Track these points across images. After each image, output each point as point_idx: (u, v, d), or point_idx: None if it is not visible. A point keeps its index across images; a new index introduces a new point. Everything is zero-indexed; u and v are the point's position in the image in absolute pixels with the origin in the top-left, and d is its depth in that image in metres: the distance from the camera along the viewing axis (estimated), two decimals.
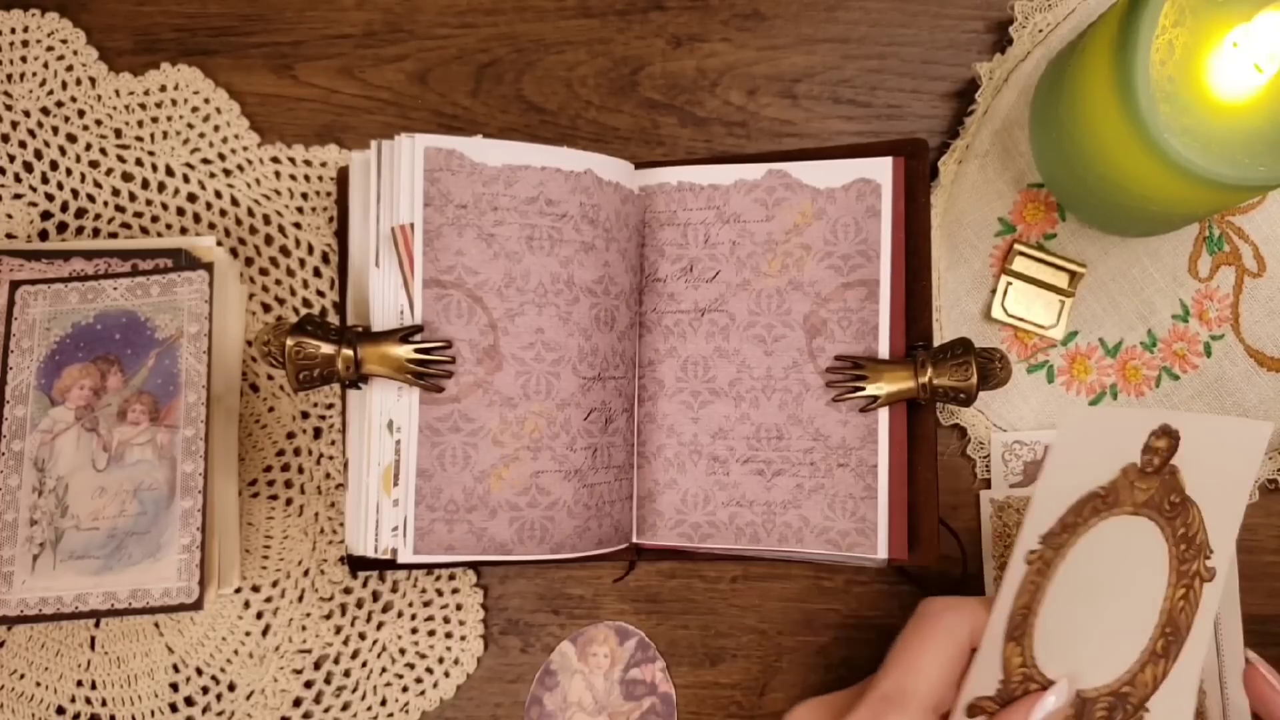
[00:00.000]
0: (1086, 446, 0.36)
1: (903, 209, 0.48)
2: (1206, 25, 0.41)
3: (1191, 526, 0.38)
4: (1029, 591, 0.37)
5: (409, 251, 0.45)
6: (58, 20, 0.54)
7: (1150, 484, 0.37)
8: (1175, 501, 0.38)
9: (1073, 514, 0.37)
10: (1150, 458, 0.37)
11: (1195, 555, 0.38)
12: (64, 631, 0.52)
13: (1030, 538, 0.37)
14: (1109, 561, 0.38)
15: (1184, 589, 0.38)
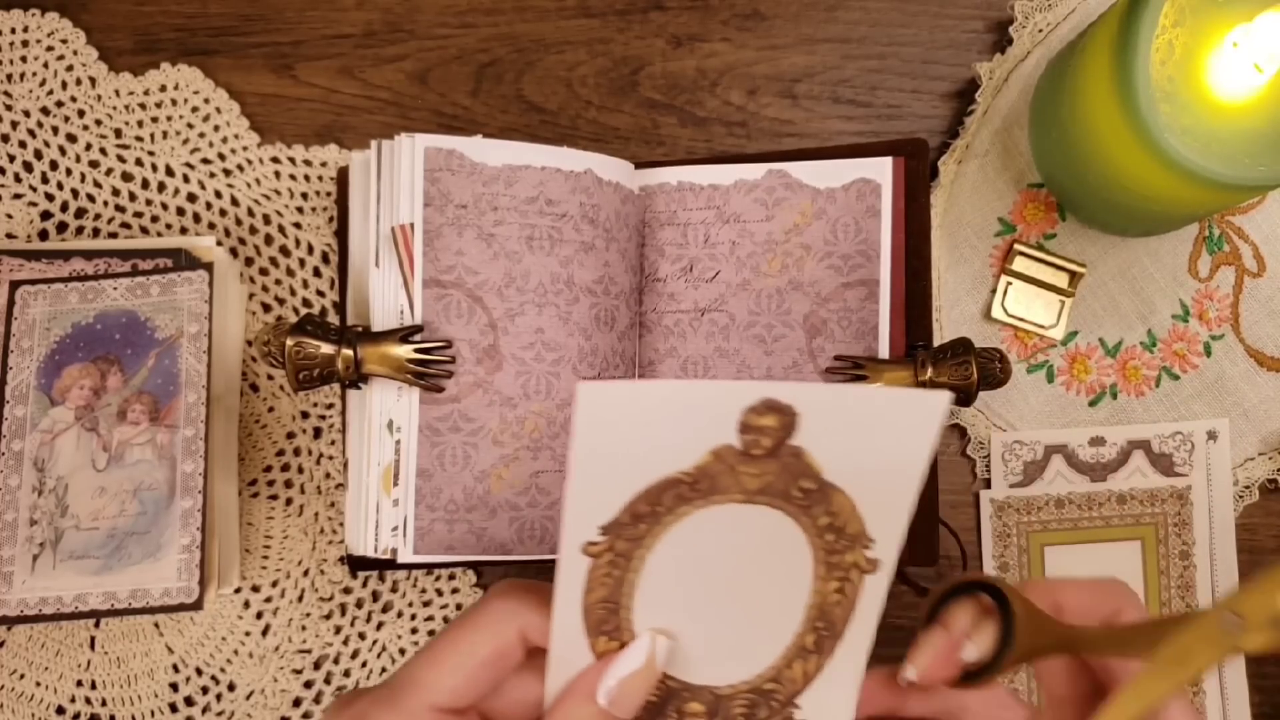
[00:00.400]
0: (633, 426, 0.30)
1: (903, 209, 0.48)
2: (1206, 25, 0.41)
3: (838, 516, 0.32)
4: (605, 584, 0.32)
5: (409, 251, 0.45)
6: (58, 20, 0.54)
7: (763, 469, 0.31)
8: (808, 488, 0.31)
9: (646, 503, 0.31)
10: (755, 438, 0.30)
11: (849, 546, 0.32)
12: (64, 631, 0.52)
13: (581, 528, 0.31)
14: (726, 551, 0.32)
15: (838, 581, 0.33)
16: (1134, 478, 0.51)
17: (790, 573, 0.32)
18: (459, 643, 0.32)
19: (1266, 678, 0.51)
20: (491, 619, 0.32)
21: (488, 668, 0.32)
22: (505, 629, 0.32)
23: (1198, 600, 0.50)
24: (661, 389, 0.30)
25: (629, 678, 0.32)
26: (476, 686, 0.32)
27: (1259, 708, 0.51)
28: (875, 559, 0.32)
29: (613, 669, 0.32)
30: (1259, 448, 0.51)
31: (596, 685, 0.31)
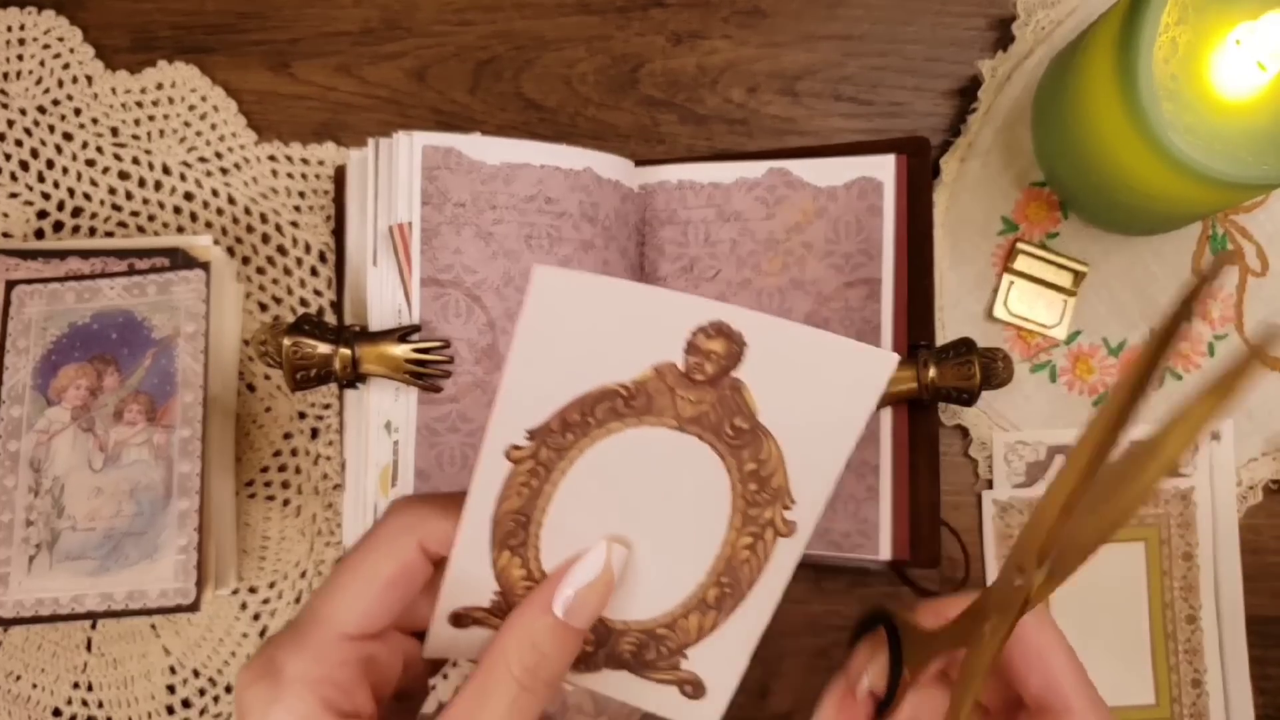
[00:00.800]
0: (582, 322, 0.28)
1: (905, 207, 0.48)
2: (1209, 23, 0.41)
3: (765, 465, 0.30)
4: (521, 494, 0.31)
5: (407, 250, 0.45)
6: (54, 18, 0.54)
7: (701, 396, 0.29)
8: (741, 427, 0.30)
9: (578, 410, 0.30)
10: (699, 361, 0.29)
11: (770, 500, 0.31)
12: (60, 633, 0.52)
13: (509, 429, 0.30)
14: (647, 480, 0.31)
15: (751, 537, 0.31)
16: None
17: (706, 516, 0.31)
18: (358, 567, 0.31)
19: (1270, 679, 0.51)
20: (389, 537, 0.31)
21: (394, 588, 0.31)
22: (405, 544, 0.31)
23: (1201, 602, 0.50)
24: (618, 287, 0.28)
25: (586, 588, 0.30)
26: (385, 609, 0.31)
27: (1262, 709, 0.50)
28: (793, 521, 0.31)
29: (569, 579, 0.30)
30: (1262, 448, 0.51)
31: (553, 597, 0.30)
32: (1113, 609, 0.50)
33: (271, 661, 0.29)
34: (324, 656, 0.30)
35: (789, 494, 0.30)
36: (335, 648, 0.30)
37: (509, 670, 0.30)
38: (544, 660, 0.30)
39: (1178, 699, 0.50)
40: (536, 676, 0.30)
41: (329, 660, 0.30)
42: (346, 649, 0.30)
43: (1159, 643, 0.50)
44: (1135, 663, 0.50)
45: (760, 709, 0.51)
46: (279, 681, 0.29)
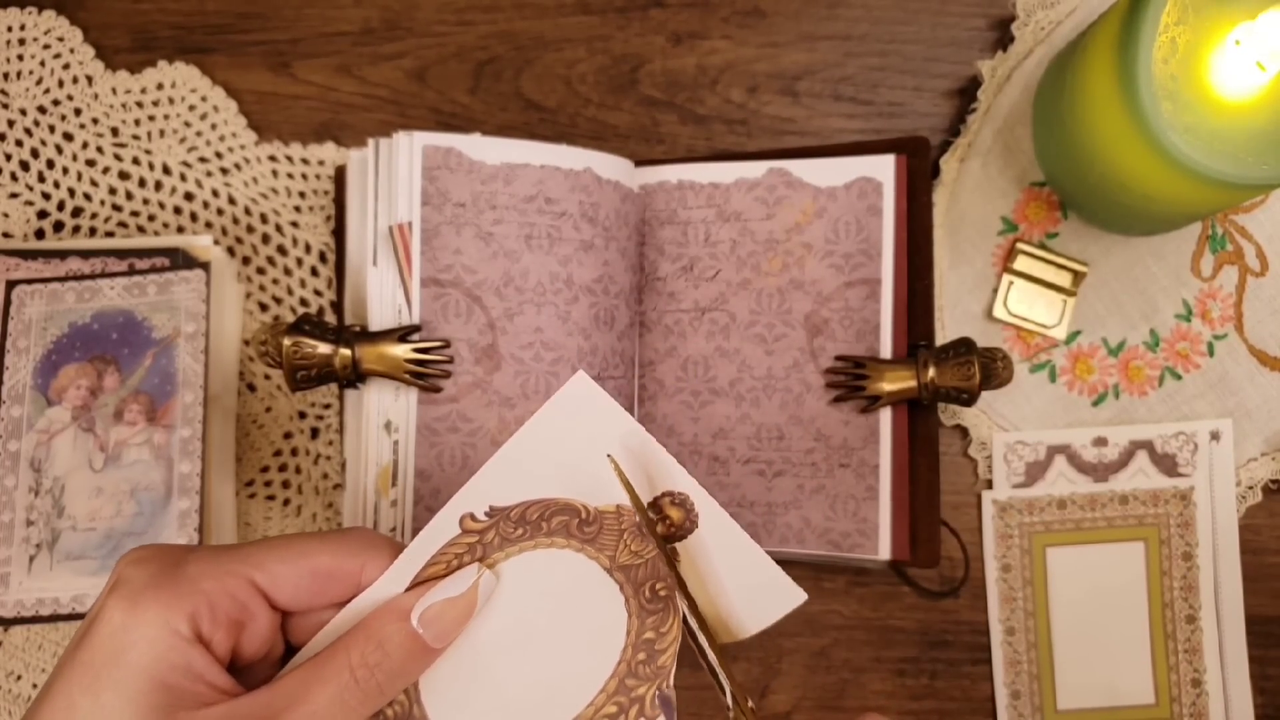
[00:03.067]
0: (588, 437, 0.30)
1: (905, 207, 0.48)
2: (1209, 23, 0.41)
3: (662, 639, 0.31)
4: (449, 566, 0.31)
5: (407, 250, 0.45)
6: (55, 18, 0.54)
7: (641, 550, 0.31)
8: (659, 593, 0.31)
9: (539, 510, 0.31)
10: (656, 519, 0.31)
11: (650, 678, 0.31)
12: (61, 633, 0.52)
13: (476, 498, 0.31)
14: (551, 609, 0.31)
15: (616, 708, 0.31)
16: (1137, 478, 0.51)
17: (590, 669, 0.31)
18: (300, 543, 0.31)
19: (1269, 679, 0.51)
20: (341, 544, 0.31)
21: (318, 577, 0.31)
22: (351, 558, 0.31)
23: (1200, 602, 0.50)
24: (628, 423, 0.31)
25: (446, 602, 0.31)
26: (298, 587, 0.31)
27: (1262, 709, 0.50)
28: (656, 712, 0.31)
29: (432, 592, 0.31)
30: (1262, 448, 0.51)
31: (412, 605, 0.30)
32: (1113, 609, 0.50)
33: (177, 556, 0.30)
34: (222, 579, 0.30)
35: (669, 676, 0.31)
36: (235, 581, 0.30)
37: (347, 659, 0.30)
38: (384, 661, 0.30)
39: (1177, 699, 0.50)
40: (372, 675, 0.30)
41: (222, 585, 0.29)
42: (242, 589, 0.30)
43: (1159, 642, 0.50)
44: (1135, 662, 0.50)
45: (759, 708, 0.52)
46: (171, 574, 0.29)
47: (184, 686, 0.28)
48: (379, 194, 0.46)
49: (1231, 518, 0.50)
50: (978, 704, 0.51)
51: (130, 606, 0.28)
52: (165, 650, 0.28)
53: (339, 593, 0.31)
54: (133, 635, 0.28)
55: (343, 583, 0.31)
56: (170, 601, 0.28)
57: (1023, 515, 0.51)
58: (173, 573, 0.29)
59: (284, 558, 0.31)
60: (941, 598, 0.51)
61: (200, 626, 0.29)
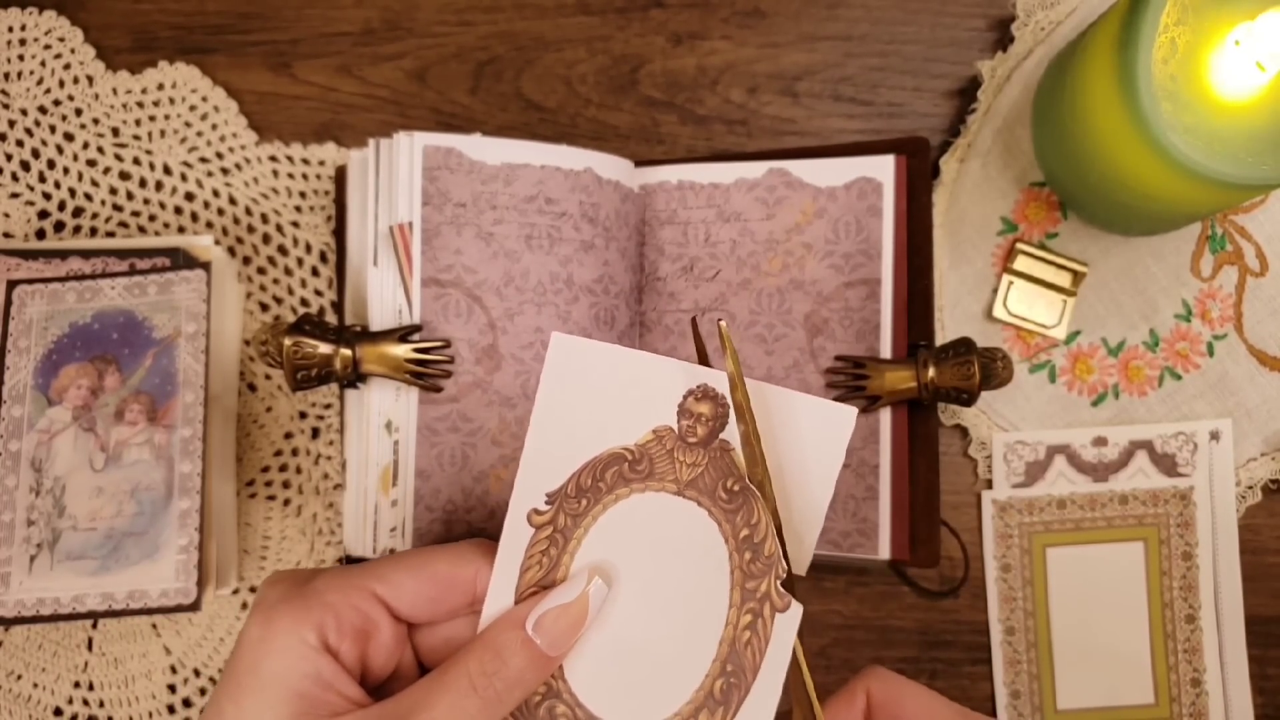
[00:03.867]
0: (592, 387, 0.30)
1: (904, 208, 0.48)
2: (1209, 24, 0.41)
3: (756, 530, 0.30)
4: (541, 565, 0.32)
5: (407, 250, 0.45)
6: (55, 18, 0.54)
7: (696, 459, 0.31)
8: (733, 489, 0.31)
9: (590, 474, 0.31)
10: (691, 424, 0.31)
11: (764, 571, 0.30)
12: (61, 632, 0.52)
13: (530, 493, 0.31)
14: (650, 554, 0.31)
15: (750, 615, 0.30)
16: (1136, 478, 0.51)
17: (708, 591, 0.31)
18: (419, 555, 0.33)
19: (1269, 679, 0.51)
20: (456, 552, 0.33)
21: (439, 585, 0.33)
22: (466, 564, 0.33)
23: (1200, 601, 0.50)
24: (620, 353, 0.31)
25: (558, 610, 0.31)
26: (417, 594, 0.33)
27: (1262, 709, 0.50)
28: (787, 597, 0.31)
29: (545, 600, 0.32)
30: (1261, 448, 0.51)
31: (526, 615, 0.32)
32: (1112, 609, 0.51)
33: (308, 575, 0.32)
34: (347, 591, 0.32)
35: (782, 560, 0.31)
36: (359, 594, 0.32)
37: (466, 669, 0.31)
38: (502, 669, 0.31)
39: (1177, 699, 0.50)
40: (490, 683, 0.31)
41: (347, 597, 0.32)
42: (366, 601, 0.32)
43: (1158, 642, 0.50)
44: (1135, 662, 0.50)
45: None
46: (301, 590, 0.32)
47: (315, 694, 0.30)
48: (379, 194, 0.46)
49: (1231, 518, 0.50)
50: (978, 704, 0.51)
51: (265, 621, 0.31)
52: (296, 660, 0.31)
53: (457, 600, 0.33)
54: (268, 646, 0.31)
55: (459, 589, 0.33)
56: (299, 615, 0.31)
57: (1022, 515, 0.51)
58: (302, 589, 0.32)
59: (402, 566, 0.33)
60: (941, 598, 0.51)
61: (327, 637, 0.31)
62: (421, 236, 0.45)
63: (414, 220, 0.45)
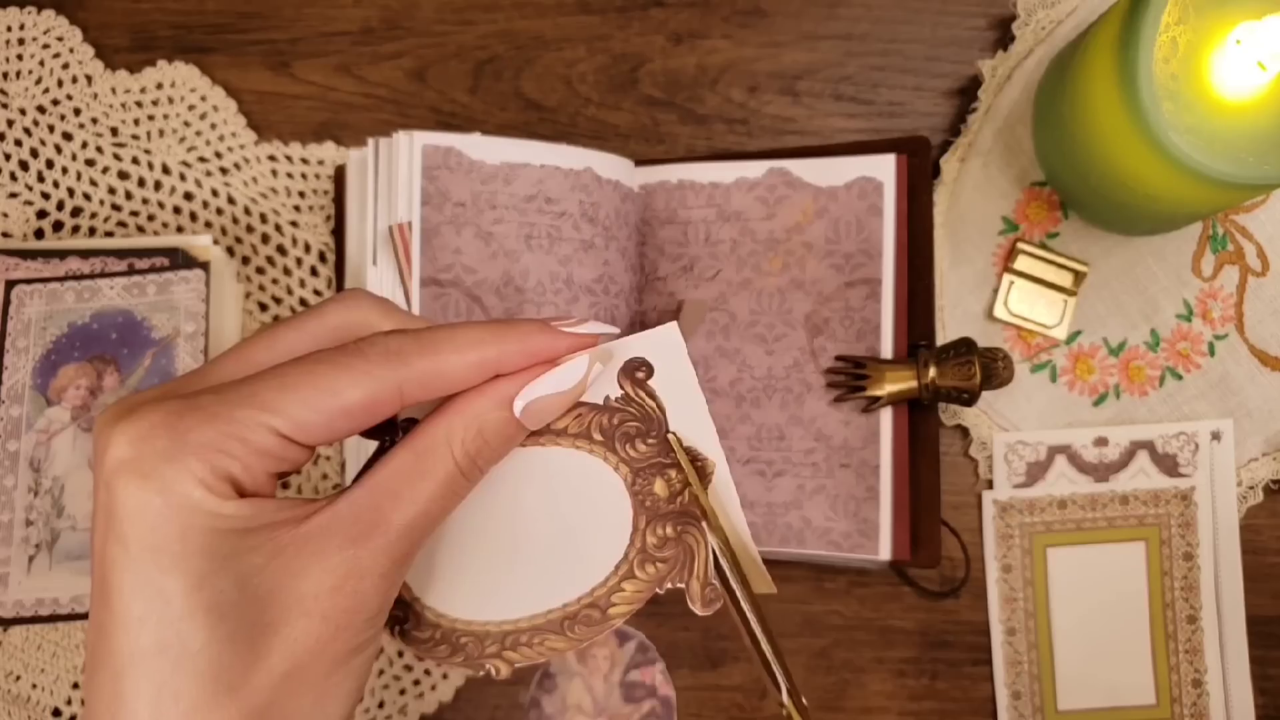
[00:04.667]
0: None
1: (905, 207, 0.48)
2: (1209, 23, 0.41)
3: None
4: None
5: (406, 250, 0.45)
6: (54, 18, 0.54)
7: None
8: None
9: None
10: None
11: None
12: (60, 633, 0.52)
13: None
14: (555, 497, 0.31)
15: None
16: (1138, 478, 0.51)
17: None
18: (320, 378, 0.26)
19: (1270, 679, 0.51)
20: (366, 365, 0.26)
21: (350, 417, 0.26)
22: (384, 379, 0.26)
23: (1201, 602, 0.50)
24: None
25: (554, 396, 0.28)
26: (329, 431, 0.26)
27: (1262, 709, 0.50)
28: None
29: (542, 382, 0.28)
30: (1263, 448, 0.51)
31: (515, 393, 0.28)
32: (1113, 609, 0.50)
33: (177, 418, 0.25)
34: (245, 437, 0.25)
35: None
36: (260, 435, 0.26)
37: (450, 452, 0.27)
38: (485, 449, 0.28)
39: (1178, 699, 0.50)
40: (474, 464, 0.28)
41: (248, 444, 0.25)
42: (271, 443, 0.26)
43: (1159, 643, 0.50)
44: (1135, 663, 0.50)
45: (759, 709, 0.51)
46: (182, 440, 0.25)
47: (260, 523, 0.26)
48: (379, 194, 0.46)
49: (1232, 518, 0.50)
50: (978, 704, 0.51)
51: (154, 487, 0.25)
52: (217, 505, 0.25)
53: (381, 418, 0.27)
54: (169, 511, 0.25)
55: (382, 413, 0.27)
56: (198, 472, 0.25)
57: (1023, 515, 0.51)
58: (181, 441, 0.25)
59: (305, 403, 0.26)
60: (942, 598, 0.51)
61: (243, 487, 0.26)
62: (421, 236, 0.45)
63: (413, 220, 0.45)
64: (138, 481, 0.25)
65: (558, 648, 0.30)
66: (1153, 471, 0.51)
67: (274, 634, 0.25)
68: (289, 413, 0.26)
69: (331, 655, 0.26)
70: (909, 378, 0.46)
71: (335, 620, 0.26)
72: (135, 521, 0.25)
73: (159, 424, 0.25)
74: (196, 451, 0.25)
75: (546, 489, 0.31)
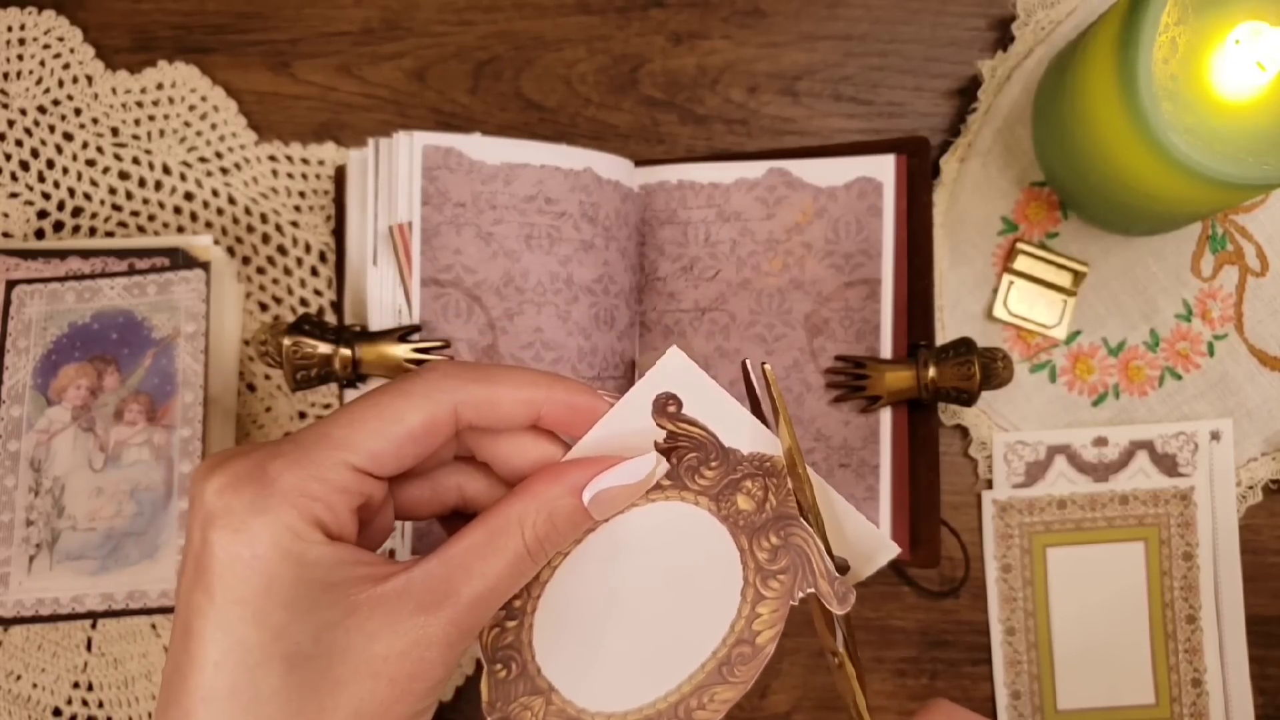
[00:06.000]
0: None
1: (905, 207, 0.48)
2: (1209, 23, 0.41)
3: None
4: None
5: (407, 250, 0.45)
6: (54, 18, 0.54)
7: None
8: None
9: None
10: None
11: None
12: (60, 633, 0.52)
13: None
14: (657, 553, 0.31)
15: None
16: (1137, 478, 0.51)
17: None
18: (384, 407, 0.28)
19: (1270, 679, 0.51)
20: (424, 389, 0.29)
21: (415, 440, 0.29)
22: (439, 400, 0.29)
23: (1201, 602, 0.50)
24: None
25: (621, 488, 0.30)
26: (399, 458, 0.29)
27: (1262, 709, 0.50)
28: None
29: (611, 474, 0.30)
30: (1262, 448, 0.51)
31: (586, 482, 0.29)
32: (1113, 609, 0.50)
33: (259, 469, 0.27)
34: (325, 477, 0.27)
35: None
36: (339, 472, 0.28)
37: (520, 533, 0.29)
38: (553, 535, 0.29)
39: (1178, 699, 0.50)
40: (542, 548, 0.29)
41: (329, 482, 0.27)
42: (349, 479, 0.28)
43: (1159, 642, 0.50)
44: (1135, 662, 0.50)
45: (759, 708, 0.51)
46: (268, 490, 0.27)
47: (340, 577, 0.27)
48: (379, 194, 0.46)
49: (1232, 518, 0.50)
50: (978, 704, 0.51)
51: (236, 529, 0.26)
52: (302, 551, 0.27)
53: (442, 440, 0.30)
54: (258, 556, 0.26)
55: (441, 430, 0.29)
56: (287, 521, 0.27)
57: (1023, 515, 0.51)
58: (263, 489, 0.27)
59: (367, 429, 0.28)
60: (942, 598, 0.51)
61: (330, 530, 0.28)
62: (421, 236, 0.45)
63: (413, 220, 0.45)
64: (228, 535, 0.26)
65: (729, 697, 0.31)
66: (1152, 471, 0.51)
67: (342, 690, 0.27)
68: (361, 446, 0.28)
69: (392, 718, 0.28)
70: (908, 378, 0.46)
71: (400, 685, 0.27)
72: (223, 574, 0.26)
73: (245, 476, 0.27)
74: (282, 499, 0.27)
75: (644, 554, 0.31)
